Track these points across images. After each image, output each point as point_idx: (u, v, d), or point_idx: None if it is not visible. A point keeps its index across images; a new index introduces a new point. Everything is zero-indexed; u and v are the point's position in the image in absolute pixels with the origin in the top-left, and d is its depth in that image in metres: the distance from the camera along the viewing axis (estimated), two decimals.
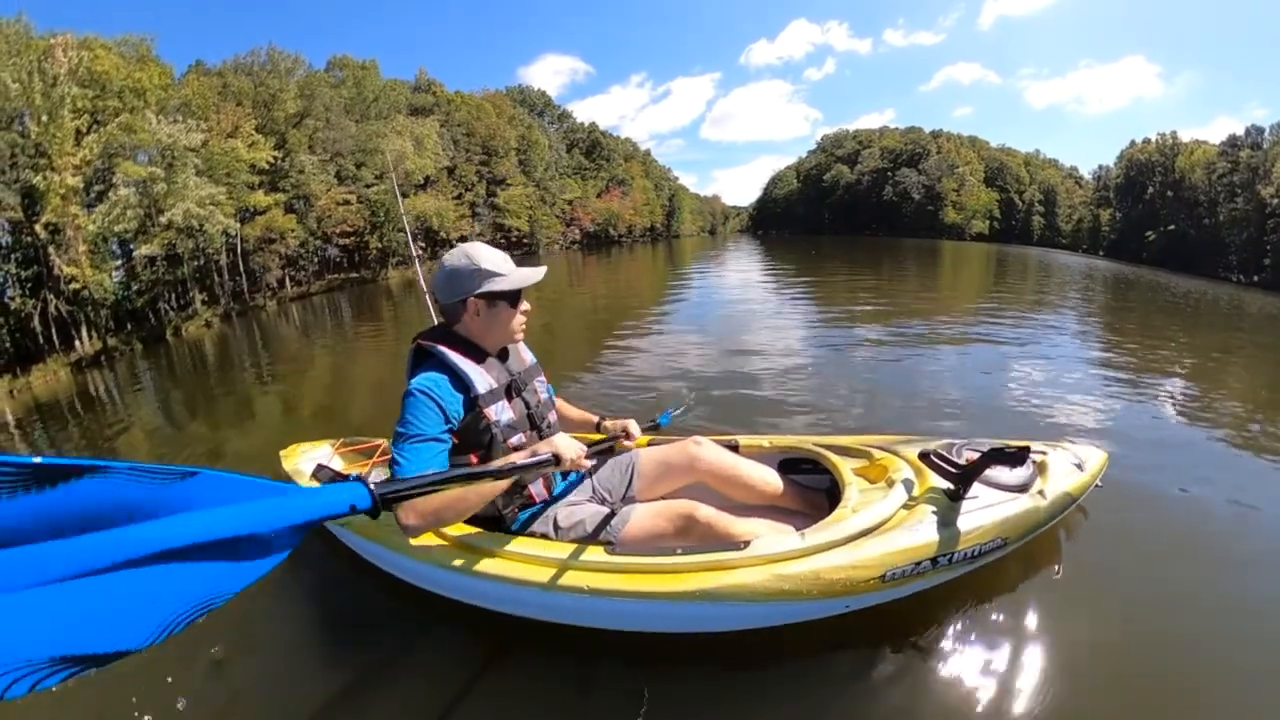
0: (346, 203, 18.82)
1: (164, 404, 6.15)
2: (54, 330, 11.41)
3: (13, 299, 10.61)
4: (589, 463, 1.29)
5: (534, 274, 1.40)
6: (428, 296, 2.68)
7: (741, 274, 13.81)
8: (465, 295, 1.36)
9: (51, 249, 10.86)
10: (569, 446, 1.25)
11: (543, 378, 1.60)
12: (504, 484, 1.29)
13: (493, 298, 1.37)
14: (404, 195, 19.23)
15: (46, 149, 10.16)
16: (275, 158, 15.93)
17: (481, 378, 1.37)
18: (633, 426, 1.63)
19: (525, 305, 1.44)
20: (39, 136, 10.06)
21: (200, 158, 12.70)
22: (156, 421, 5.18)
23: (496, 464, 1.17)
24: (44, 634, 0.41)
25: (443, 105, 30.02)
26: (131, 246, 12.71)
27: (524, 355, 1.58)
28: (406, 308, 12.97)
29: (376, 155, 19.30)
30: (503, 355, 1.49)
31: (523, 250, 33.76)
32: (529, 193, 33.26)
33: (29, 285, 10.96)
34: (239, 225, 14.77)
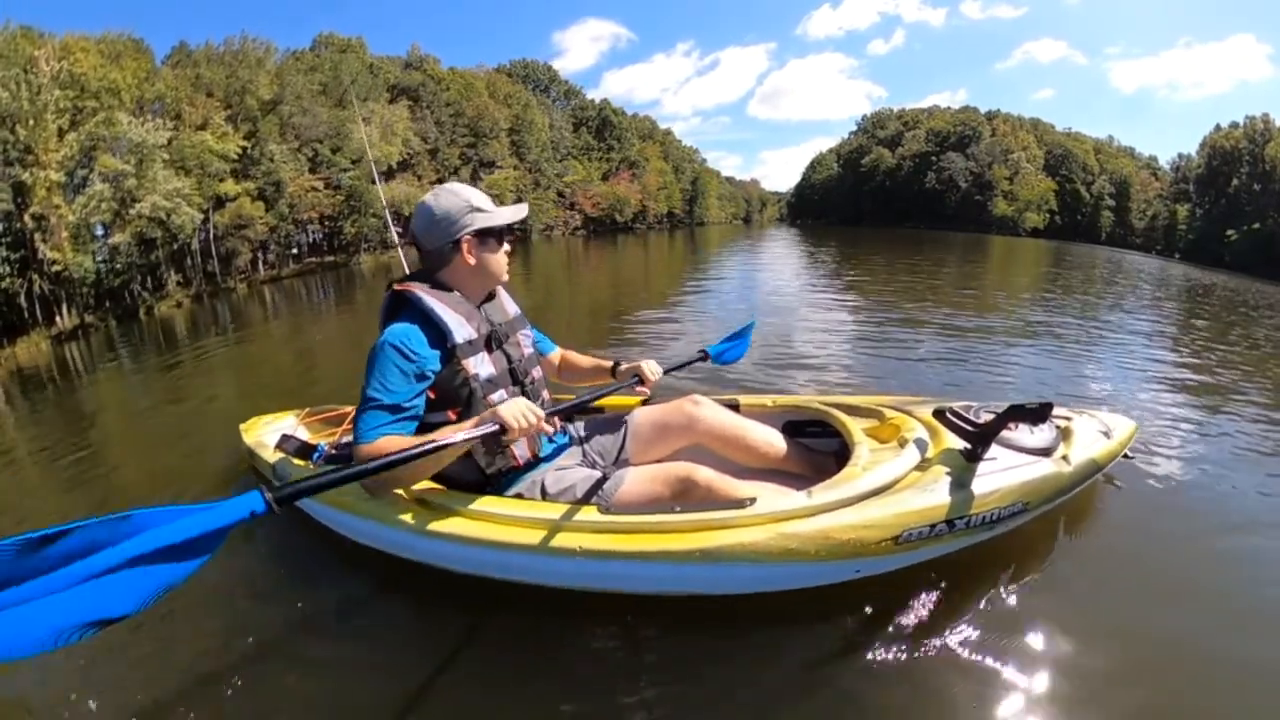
0: (315, 189, 21.49)
1: (131, 374, 7.35)
2: (37, 306, 14.25)
3: (1, 278, 13.46)
4: (549, 428, 1.32)
5: (519, 210, 1.56)
6: (400, 250, 3.01)
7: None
8: (459, 234, 1.44)
9: (37, 235, 13.71)
10: (515, 412, 1.26)
11: (528, 330, 1.68)
12: (458, 450, 1.31)
13: (484, 235, 1.47)
14: (373, 182, 21.78)
15: (33, 147, 12.99)
16: (245, 147, 18.67)
17: (461, 326, 1.42)
18: (649, 367, 1.71)
19: (506, 245, 1.55)
20: (26, 138, 12.87)
21: (169, 152, 15.48)
22: (122, 392, 6.24)
23: (430, 441, 1.21)
24: (77, 612, 0.79)
25: (429, 85, 32.59)
26: (107, 230, 15.61)
27: (506, 306, 1.65)
28: (377, 292, 14.72)
29: (350, 140, 21.94)
30: (485, 304, 1.56)
31: (512, 237, 35.98)
32: (518, 176, 35.52)
33: (16, 266, 13.82)
34: (209, 211, 17.56)
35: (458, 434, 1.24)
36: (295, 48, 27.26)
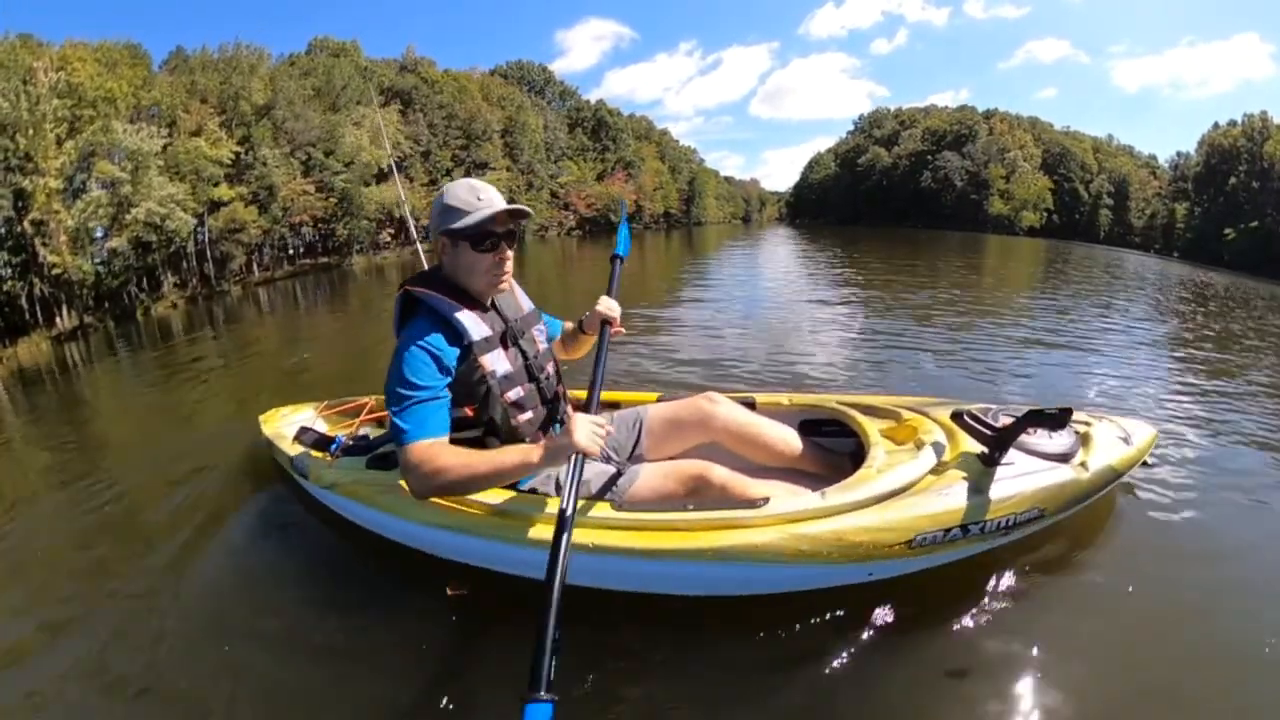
0: (308, 193, 22.20)
1: (129, 373, 7.77)
2: (38, 308, 14.94)
3: (2, 281, 14.19)
4: (608, 429, 1.41)
5: (485, 210, 1.40)
6: (421, 249, 3.13)
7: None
8: (436, 231, 1.46)
9: (37, 240, 14.42)
10: (590, 437, 1.34)
11: (541, 326, 1.70)
12: (528, 468, 1.41)
13: (454, 237, 1.44)
14: (365, 184, 22.51)
15: (33, 155, 13.71)
16: (238, 153, 19.39)
17: (475, 325, 1.46)
18: (603, 306, 1.72)
19: (504, 253, 1.47)
20: (26, 146, 13.59)
21: (164, 158, 16.21)
22: (121, 390, 6.55)
23: (523, 458, 1.37)
24: None
25: (421, 88, 33.28)
26: (105, 234, 16.35)
27: (521, 302, 1.67)
28: (370, 292, 15.35)
29: (342, 144, 22.70)
30: (497, 299, 1.57)
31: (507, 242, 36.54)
32: (511, 178, 36.15)
33: (17, 269, 14.53)
34: (203, 216, 18.30)
35: (535, 454, 1.37)
36: (291, 51, 28.19)
